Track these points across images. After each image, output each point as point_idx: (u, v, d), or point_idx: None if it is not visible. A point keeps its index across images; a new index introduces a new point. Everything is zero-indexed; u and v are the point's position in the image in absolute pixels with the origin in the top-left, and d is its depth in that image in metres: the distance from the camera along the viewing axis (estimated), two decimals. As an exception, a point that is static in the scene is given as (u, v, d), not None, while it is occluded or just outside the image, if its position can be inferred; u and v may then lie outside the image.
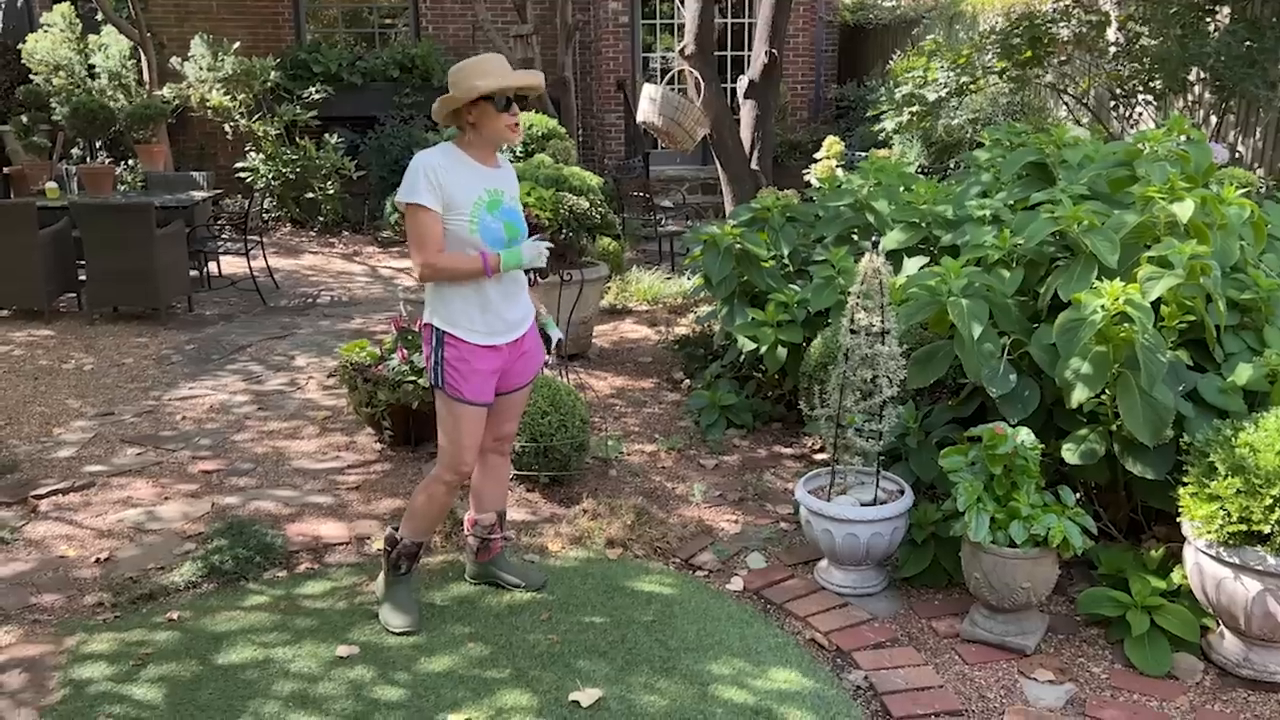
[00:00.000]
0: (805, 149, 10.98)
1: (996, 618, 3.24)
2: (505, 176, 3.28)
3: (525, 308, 3.34)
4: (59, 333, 6.97)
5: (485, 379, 3.20)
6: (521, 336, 3.30)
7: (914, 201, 4.63)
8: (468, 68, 3.07)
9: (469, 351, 3.16)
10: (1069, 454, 3.27)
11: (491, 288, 3.16)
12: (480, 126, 3.11)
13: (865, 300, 3.48)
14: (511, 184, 3.29)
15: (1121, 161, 3.95)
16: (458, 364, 3.15)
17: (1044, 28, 6.80)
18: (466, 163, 3.15)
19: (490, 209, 3.14)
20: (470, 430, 3.21)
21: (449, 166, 3.09)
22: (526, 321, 3.33)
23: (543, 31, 11.54)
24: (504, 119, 3.09)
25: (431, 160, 3.08)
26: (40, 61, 10.46)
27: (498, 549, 3.54)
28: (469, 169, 3.14)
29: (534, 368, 3.42)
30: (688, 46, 6.76)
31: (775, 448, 4.90)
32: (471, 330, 3.16)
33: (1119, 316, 3.11)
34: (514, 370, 3.33)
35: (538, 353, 3.43)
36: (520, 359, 3.33)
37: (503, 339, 3.22)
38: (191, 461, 4.73)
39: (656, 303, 7.57)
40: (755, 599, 3.55)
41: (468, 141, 3.17)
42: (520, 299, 3.29)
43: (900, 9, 13.28)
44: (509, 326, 3.23)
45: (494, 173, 3.21)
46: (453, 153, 3.14)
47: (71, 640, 3.24)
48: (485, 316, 3.17)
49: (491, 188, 3.16)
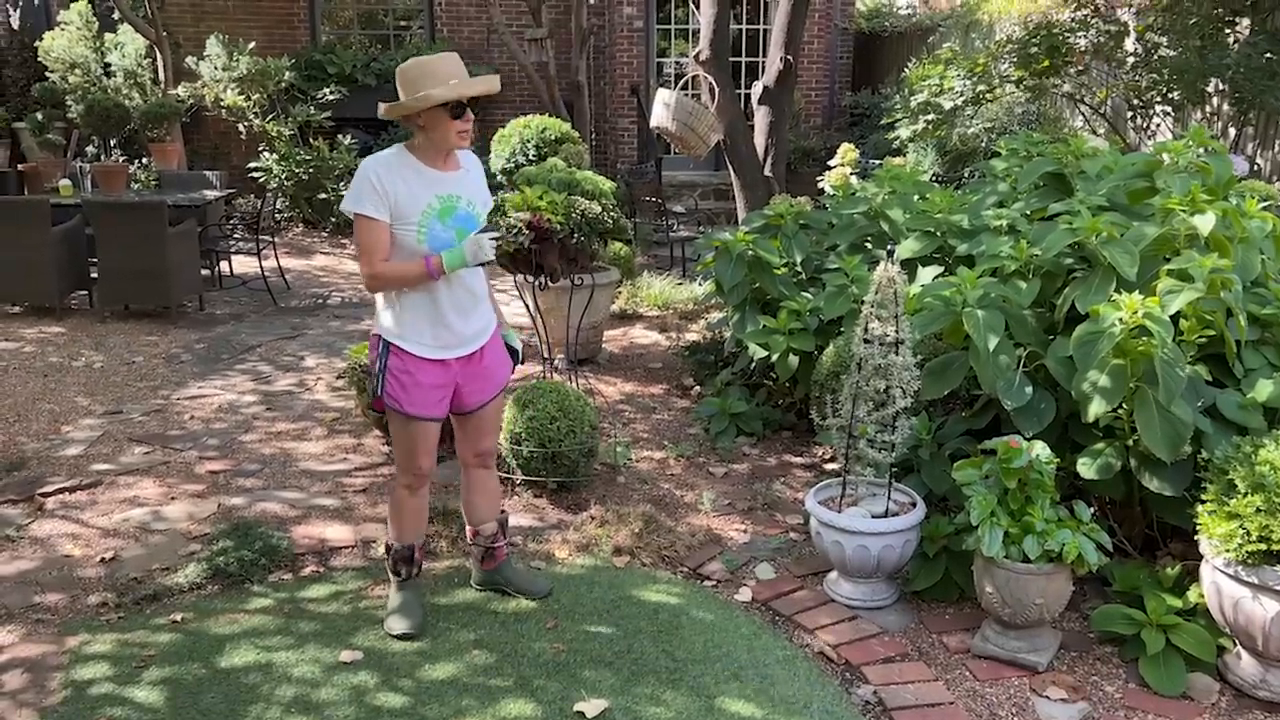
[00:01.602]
0: (819, 156, 10.93)
1: (1009, 634, 3.19)
2: (463, 180, 3.09)
3: (483, 320, 3.19)
4: (70, 330, 6.97)
5: (428, 393, 3.09)
6: (478, 351, 3.17)
7: (929, 210, 4.59)
8: (417, 70, 2.92)
9: (414, 364, 3.05)
10: (1084, 468, 3.23)
11: (444, 299, 3.04)
12: (430, 131, 2.96)
13: (880, 309, 3.44)
14: (472, 187, 3.12)
15: (1141, 173, 3.91)
16: (400, 375, 3.05)
17: (1062, 37, 6.75)
18: (416, 168, 2.99)
19: (442, 216, 2.99)
20: (417, 442, 3.13)
21: (396, 172, 2.95)
22: (484, 334, 3.18)
23: (557, 35, 11.54)
24: (455, 125, 2.94)
25: (377, 166, 2.95)
26: (56, 59, 10.50)
27: (502, 556, 3.49)
28: (419, 174, 2.99)
29: (496, 384, 3.27)
30: (703, 52, 6.73)
31: (785, 456, 4.85)
32: (420, 343, 3.05)
33: (1137, 330, 3.07)
34: (471, 388, 3.19)
35: (500, 367, 3.28)
36: (477, 376, 3.19)
37: (453, 353, 3.10)
38: (198, 461, 4.71)
39: (667, 308, 7.53)
40: (764, 610, 3.51)
41: (418, 145, 3.01)
42: (477, 311, 3.15)
43: (916, 17, 13.24)
44: (461, 340, 3.11)
45: (449, 177, 3.05)
46: (402, 157, 2.99)
47: (74, 641, 3.22)
48: (435, 329, 3.06)
49: (445, 193, 3.01)
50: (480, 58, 12.30)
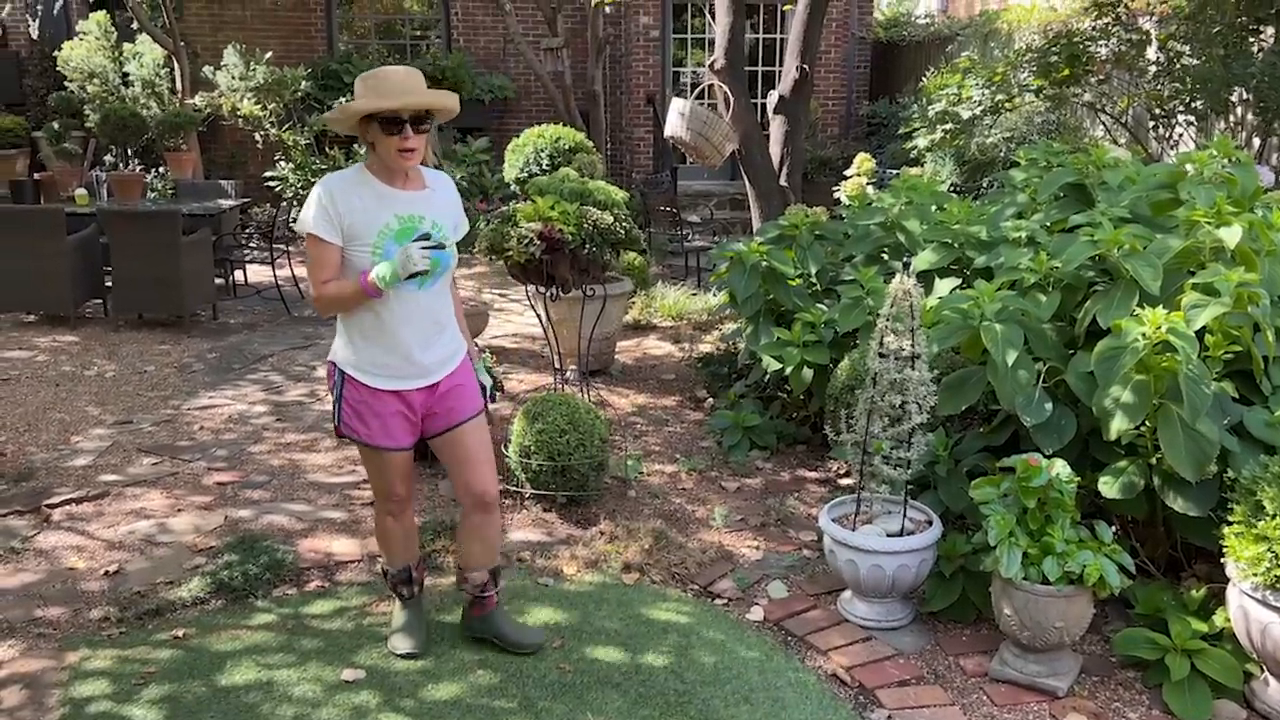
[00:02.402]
0: (836, 166, 10.86)
1: (1027, 657, 3.10)
2: (428, 199, 2.90)
3: (447, 349, 2.99)
4: (83, 339, 6.97)
5: (388, 421, 2.93)
6: (440, 380, 2.98)
7: (947, 221, 4.51)
8: (370, 80, 2.75)
9: (369, 394, 2.90)
10: (1106, 487, 3.14)
11: (401, 326, 2.85)
12: (376, 147, 2.79)
13: (895, 323, 3.36)
14: (438, 207, 2.92)
15: (1164, 183, 3.82)
16: (357, 405, 2.91)
17: (1082, 46, 6.66)
18: (373, 186, 2.82)
19: (400, 238, 2.80)
20: (387, 471, 3.01)
21: (352, 190, 2.79)
22: (448, 363, 2.99)
23: (573, 45, 11.52)
24: (393, 142, 2.73)
25: (331, 185, 2.79)
26: (75, 69, 10.56)
27: (492, 605, 3.23)
28: (375, 193, 2.81)
29: (467, 406, 3.03)
30: (717, 61, 6.67)
31: (799, 471, 4.77)
32: (374, 374, 2.89)
33: (1161, 345, 2.98)
34: (437, 413, 3.01)
35: (469, 392, 3.05)
36: (442, 402, 2.99)
37: (412, 384, 2.92)
38: (206, 473, 4.67)
39: (681, 319, 7.47)
40: (775, 630, 3.43)
41: (373, 163, 2.85)
42: (440, 340, 2.95)
43: (934, 26, 13.16)
44: (421, 371, 2.92)
45: (411, 196, 2.86)
46: (360, 175, 2.83)
47: (74, 656, 3.17)
48: (391, 358, 2.88)
49: (406, 213, 2.83)
50: (496, 67, 12.31)
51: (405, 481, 3.08)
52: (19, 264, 7.02)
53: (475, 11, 12.38)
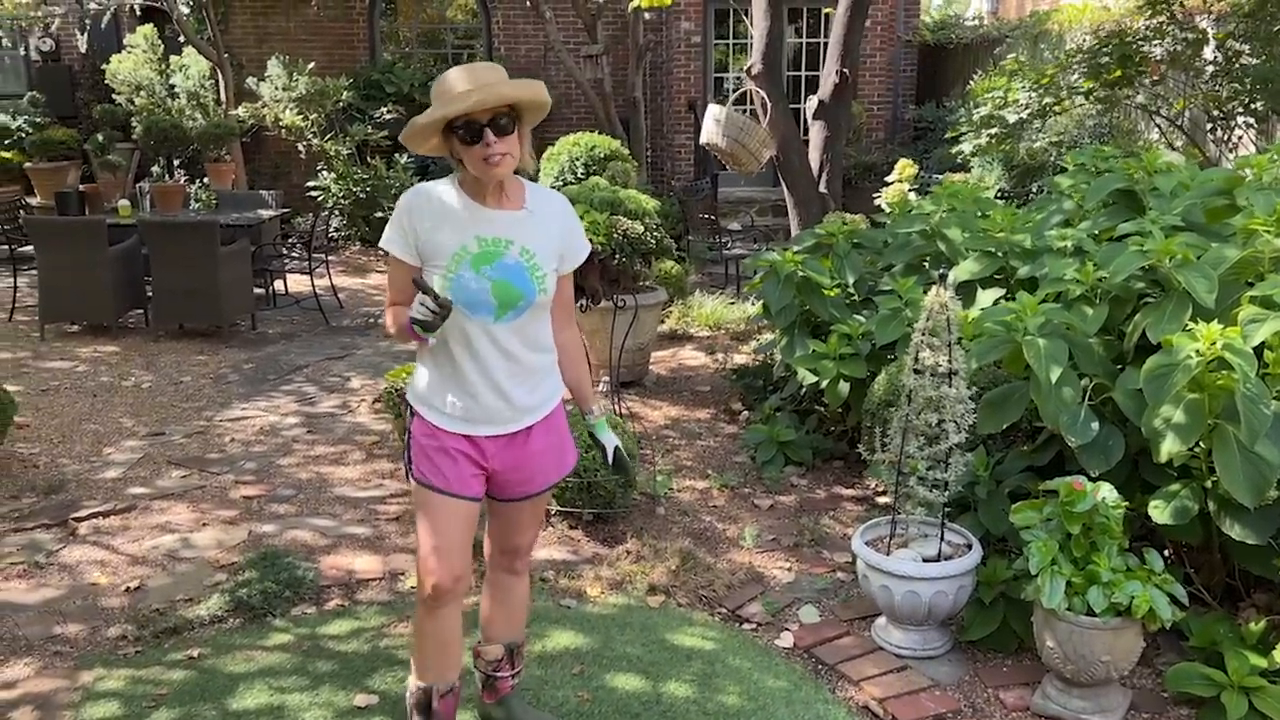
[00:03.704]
0: (880, 171, 10.65)
1: (1072, 692, 2.93)
2: (523, 223, 2.46)
3: (535, 395, 2.52)
4: (123, 349, 7.02)
5: (459, 463, 2.48)
6: (522, 432, 2.53)
7: (990, 229, 4.34)
8: (438, 87, 2.40)
9: (438, 435, 2.49)
10: (1157, 512, 2.96)
11: (465, 360, 2.45)
12: (465, 163, 2.40)
13: (931, 338, 3.21)
14: (537, 233, 2.47)
15: (1220, 190, 3.62)
16: (424, 441, 2.50)
17: (1135, 46, 6.43)
18: (462, 202, 2.44)
19: (478, 263, 2.40)
20: (440, 529, 2.47)
21: (435, 206, 2.44)
22: (533, 412, 2.52)
23: (614, 52, 11.46)
24: (475, 152, 2.34)
25: (413, 199, 2.46)
26: (123, 82, 10.72)
27: (506, 689, 2.80)
28: (461, 210, 2.44)
29: (546, 475, 2.59)
30: (755, 66, 6.55)
31: (835, 488, 4.62)
32: (440, 412, 2.49)
33: (1216, 362, 2.80)
34: (510, 478, 2.55)
35: (558, 458, 2.61)
36: (521, 465, 2.54)
37: (485, 429, 2.48)
38: (234, 486, 4.64)
39: (719, 328, 7.34)
40: (806, 657, 3.29)
41: (464, 176, 2.46)
42: (526, 382, 2.50)
43: (983, 28, 12.90)
44: (492, 416, 2.47)
45: (502, 216, 2.45)
46: (448, 188, 2.47)
47: (88, 676, 3.13)
48: (458, 396, 2.47)
49: (491, 235, 2.42)
50: (537, 75, 12.28)
51: (448, 558, 2.47)
52: (63, 275, 7.09)
53: (516, 20, 12.38)
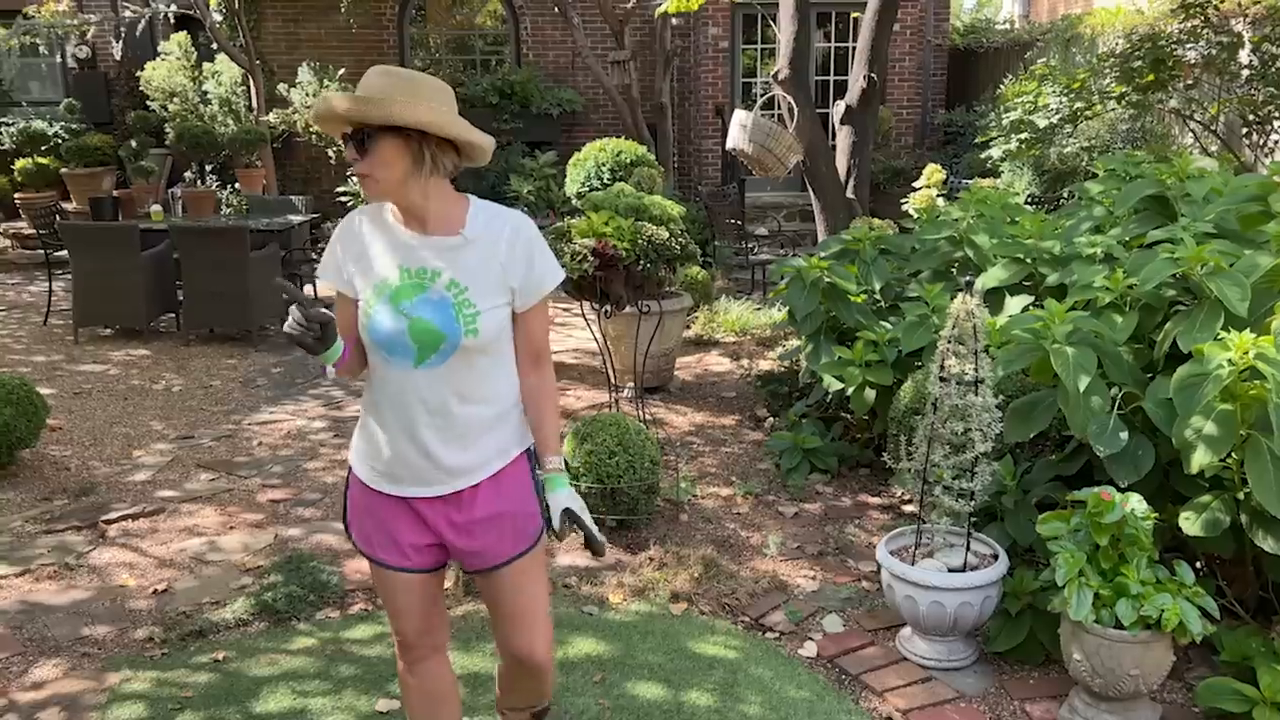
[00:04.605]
0: (909, 176, 10.58)
1: (1100, 706, 2.88)
2: (459, 250, 2.07)
3: (471, 451, 2.12)
4: (154, 353, 7.10)
5: (383, 528, 2.17)
6: (464, 492, 2.14)
7: (1018, 235, 4.29)
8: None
9: (367, 494, 2.20)
10: (1187, 524, 2.90)
11: (390, 412, 2.11)
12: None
13: (957, 345, 3.17)
14: (471, 263, 2.06)
15: (1254, 195, 3.56)
16: (357, 498, 2.23)
17: (1169, 49, 6.35)
18: (387, 228, 2.10)
19: (397, 298, 2.04)
20: (386, 596, 2.24)
21: (363, 232, 2.12)
22: (473, 471, 2.13)
23: (641, 57, 11.46)
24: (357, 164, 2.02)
25: (344, 223, 2.16)
26: (157, 88, 10.86)
27: None
28: (386, 238, 2.10)
29: (506, 546, 2.18)
30: (781, 71, 6.52)
31: (861, 496, 4.58)
32: (371, 470, 2.18)
33: (1248, 372, 2.75)
34: (461, 544, 2.17)
35: (513, 523, 2.18)
36: (471, 530, 2.15)
37: (413, 489, 2.13)
38: (261, 490, 4.67)
39: (744, 334, 7.31)
40: (829, 667, 3.26)
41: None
42: (457, 437, 2.10)
43: (1013, 31, 12.79)
44: (418, 474, 2.12)
45: (432, 243, 2.07)
46: (379, 214, 2.13)
47: (115, 678, 3.16)
48: (387, 451, 2.14)
49: (415, 266, 2.06)
50: (565, 81, 12.32)
51: (417, 619, 2.25)
52: (96, 279, 7.19)
53: (545, 26, 12.41)
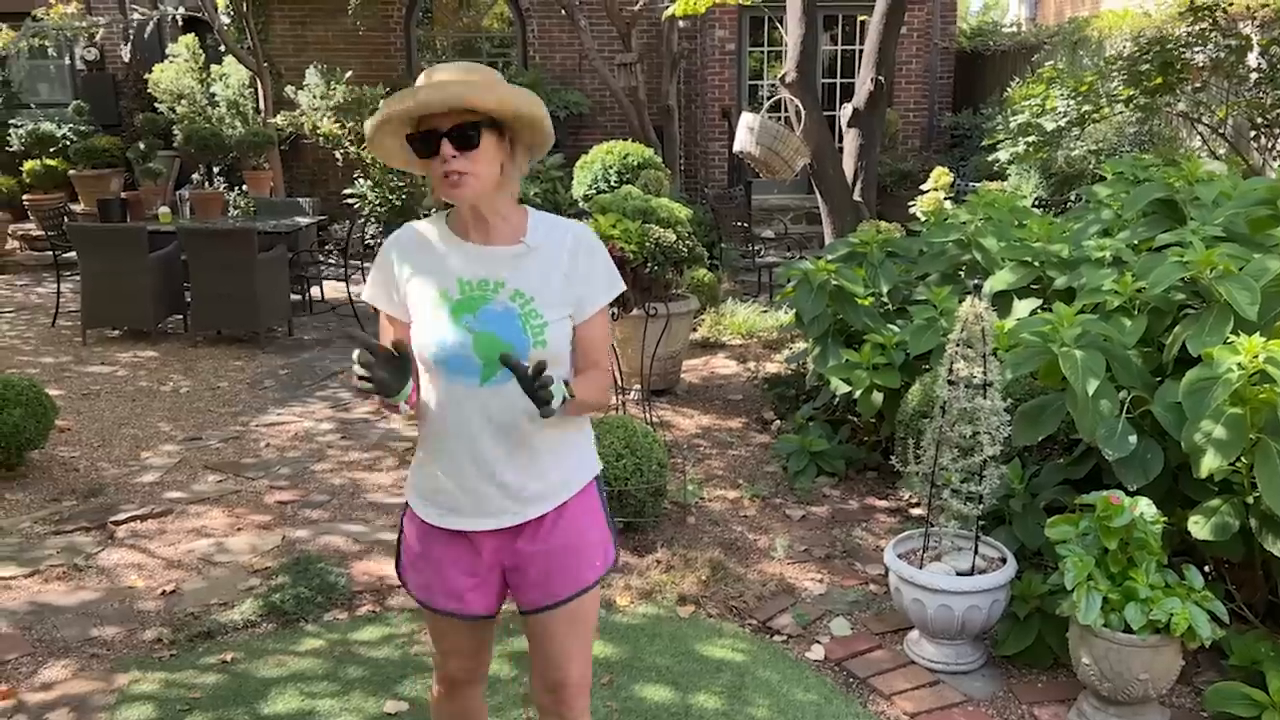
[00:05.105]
0: (916, 178, 10.57)
1: (1108, 710, 2.88)
2: (519, 261, 1.95)
3: (541, 477, 1.99)
4: (162, 354, 7.11)
5: (439, 573, 2.04)
6: (535, 522, 2.01)
7: (1026, 239, 4.29)
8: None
9: (422, 531, 2.06)
10: (1197, 528, 2.90)
11: (453, 437, 1.96)
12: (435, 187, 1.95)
13: (965, 348, 3.17)
14: (534, 273, 1.95)
15: (1263, 199, 3.55)
16: (411, 541, 2.10)
17: (1177, 52, 6.33)
18: (443, 240, 1.98)
19: (457, 312, 1.92)
20: (437, 638, 2.16)
21: (415, 247, 2.00)
22: (545, 499, 2.00)
23: (648, 59, 11.48)
24: (434, 167, 1.87)
25: (396, 239, 2.03)
26: (165, 91, 10.90)
27: None
28: (442, 249, 1.97)
29: (570, 580, 2.03)
30: (789, 74, 6.53)
31: (869, 499, 4.58)
32: (429, 504, 2.04)
33: (1258, 376, 2.74)
34: (524, 577, 2.03)
35: (580, 557, 2.04)
36: (535, 559, 2.01)
37: (476, 522, 1.99)
38: (268, 491, 4.68)
39: (751, 337, 7.31)
40: (836, 670, 3.26)
41: (452, 209, 2.01)
42: (526, 465, 1.97)
43: (1021, 34, 12.77)
44: (482, 504, 1.97)
45: (493, 253, 1.95)
46: (430, 227, 2.01)
47: (124, 679, 3.17)
48: (447, 482, 2.00)
49: (475, 277, 1.94)
50: (572, 83, 12.33)
51: (467, 659, 2.16)
52: (104, 281, 7.22)
53: (551, 28, 12.43)
